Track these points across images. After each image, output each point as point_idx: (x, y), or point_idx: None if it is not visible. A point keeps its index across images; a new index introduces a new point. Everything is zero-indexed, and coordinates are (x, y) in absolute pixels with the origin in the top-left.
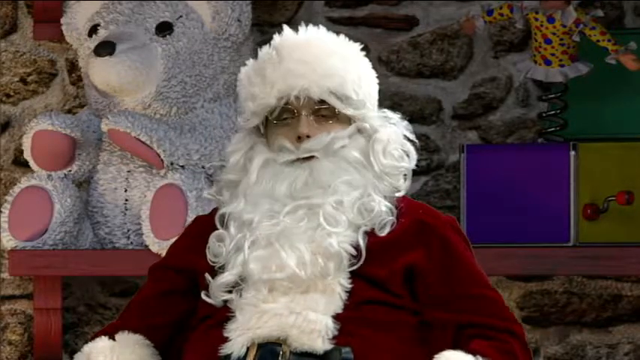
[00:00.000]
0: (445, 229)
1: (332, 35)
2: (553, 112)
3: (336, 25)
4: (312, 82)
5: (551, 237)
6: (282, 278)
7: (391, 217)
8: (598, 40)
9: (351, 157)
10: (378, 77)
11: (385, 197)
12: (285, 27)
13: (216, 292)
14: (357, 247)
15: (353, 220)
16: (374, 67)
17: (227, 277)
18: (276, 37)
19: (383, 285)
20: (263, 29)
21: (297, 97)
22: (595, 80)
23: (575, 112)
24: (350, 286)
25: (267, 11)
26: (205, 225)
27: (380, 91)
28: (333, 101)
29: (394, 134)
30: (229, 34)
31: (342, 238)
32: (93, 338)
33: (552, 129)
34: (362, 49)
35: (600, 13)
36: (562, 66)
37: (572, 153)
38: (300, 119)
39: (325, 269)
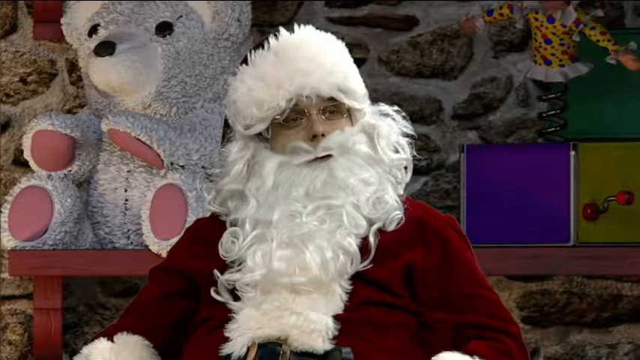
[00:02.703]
0: (444, 229)
1: (321, 32)
2: (553, 112)
3: (336, 25)
4: (320, 79)
5: (551, 237)
6: (304, 282)
7: (400, 214)
8: (598, 40)
9: (363, 153)
10: (378, 77)
11: (393, 190)
12: (281, 29)
13: (241, 288)
14: (364, 248)
15: (368, 214)
16: (374, 67)
17: (255, 276)
18: (270, 39)
19: (383, 286)
20: (263, 29)
21: (308, 97)
22: (595, 80)
23: (575, 112)
24: (350, 287)
25: (267, 11)
26: (206, 228)
27: (380, 91)
28: (341, 97)
29: (393, 126)
30: (229, 34)
31: (358, 240)
32: (92, 340)
33: (552, 129)
34: (362, 49)
35: (600, 13)
36: (562, 66)
37: (572, 153)
38: (311, 118)
39: (345, 267)
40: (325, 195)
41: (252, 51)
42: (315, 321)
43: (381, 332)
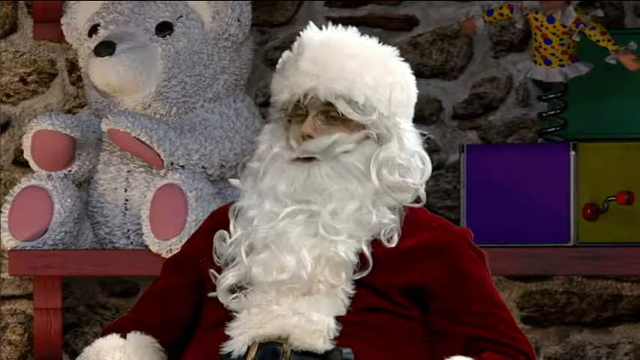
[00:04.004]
0: (459, 245)
1: (357, 36)
2: (553, 112)
3: (335, 25)
4: (320, 83)
5: (551, 237)
6: (286, 279)
7: (396, 229)
8: (598, 40)
9: (351, 165)
10: None
11: (390, 209)
12: (311, 23)
13: (221, 294)
14: (362, 256)
15: (351, 231)
16: None
17: (230, 279)
18: (303, 33)
19: (386, 294)
20: (263, 29)
21: (306, 96)
22: (595, 80)
23: (575, 112)
24: (353, 292)
25: (267, 11)
26: (219, 219)
27: None
28: (339, 104)
29: (408, 146)
30: (229, 34)
31: (346, 247)
32: (104, 332)
33: (552, 129)
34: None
35: (600, 13)
36: (562, 66)
37: (572, 153)
38: (307, 118)
39: (335, 279)
40: (306, 198)
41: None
42: (316, 321)
43: (383, 335)
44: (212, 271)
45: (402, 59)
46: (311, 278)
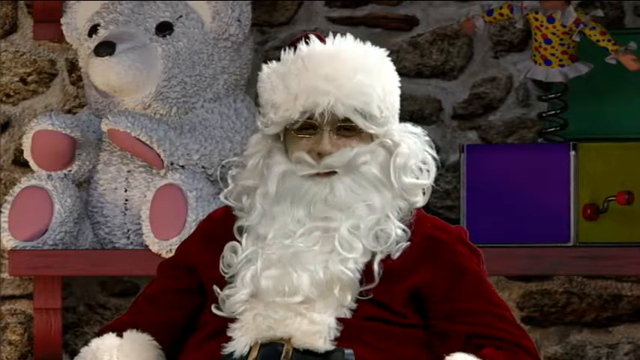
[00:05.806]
0: (455, 244)
1: (358, 45)
2: (553, 112)
3: (335, 25)
4: (337, 100)
5: (551, 237)
6: (297, 302)
7: (407, 243)
8: (598, 40)
9: (371, 175)
10: None
11: (400, 217)
12: (313, 37)
13: (229, 307)
14: (367, 271)
15: (368, 246)
16: None
17: (240, 295)
18: (302, 45)
19: (388, 307)
20: (263, 29)
21: (322, 114)
22: (595, 80)
23: (575, 112)
24: (355, 305)
25: (267, 11)
26: (217, 224)
27: None
28: (357, 119)
29: (415, 149)
30: (229, 34)
31: (354, 265)
32: (100, 333)
33: (552, 129)
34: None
35: (600, 13)
36: (562, 66)
37: (572, 153)
38: (322, 135)
39: (341, 299)
40: (325, 216)
41: (287, 48)
42: (318, 322)
43: (384, 339)
44: (216, 287)
45: (402, 59)
46: (321, 295)
